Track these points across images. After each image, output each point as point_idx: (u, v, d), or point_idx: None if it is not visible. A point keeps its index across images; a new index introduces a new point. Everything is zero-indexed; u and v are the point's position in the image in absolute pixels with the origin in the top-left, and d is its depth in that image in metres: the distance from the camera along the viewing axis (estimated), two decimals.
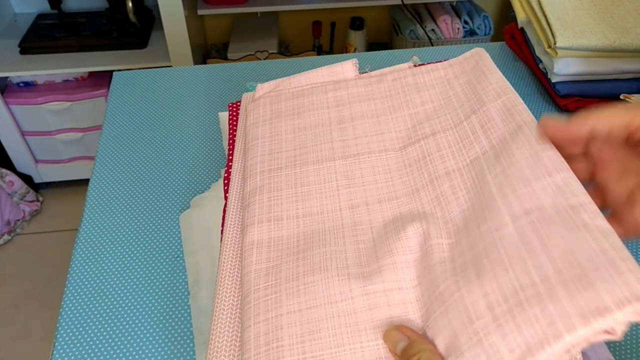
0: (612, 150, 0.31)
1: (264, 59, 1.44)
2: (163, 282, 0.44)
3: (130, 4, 1.27)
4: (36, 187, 1.55)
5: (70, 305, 0.43)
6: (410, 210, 0.36)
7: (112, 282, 0.44)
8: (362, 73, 0.50)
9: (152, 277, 0.45)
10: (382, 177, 0.39)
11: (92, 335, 0.41)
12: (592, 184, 0.32)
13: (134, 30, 1.38)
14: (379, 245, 0.34)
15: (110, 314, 0.42)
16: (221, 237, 0.40)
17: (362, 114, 0.44)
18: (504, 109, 0.37)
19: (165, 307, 0.42)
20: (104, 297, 0.43)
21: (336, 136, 0.42)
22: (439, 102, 0.43)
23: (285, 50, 1.64)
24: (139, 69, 0.73)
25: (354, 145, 0.41)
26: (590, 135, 0.29)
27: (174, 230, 0.49)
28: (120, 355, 0.39)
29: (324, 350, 0.29)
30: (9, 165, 1.47)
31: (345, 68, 0.48)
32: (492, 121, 0.38)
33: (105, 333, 0.41)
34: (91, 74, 1.43)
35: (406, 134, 0.42)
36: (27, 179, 1.51)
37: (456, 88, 0.43)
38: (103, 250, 0.47)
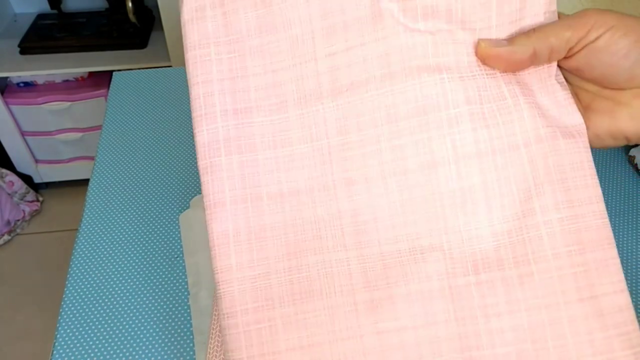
0: None
1: None
2: (163, 282, 0.44)
3: (130, 4, 1.27)
4: (36, 187, 1.55)
5: (70, 305, 0.43)
6: (424, 199, 0.27)
7: (112, 282, 0.44)
8: None
9: (152, 277, 0.45)
10: (386, 131, 0.28)
11: (92, 335, 0.41)
12: None
13: (134, 30, 1.38)
14: (388, 256, 0.28)
15: (110, 314, 0.42)
16: None
17: (356, 6, 0.29)
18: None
19: (165, 307, 0.42)
20: (104, 297, 0.43)
21: (321, 46, 0.29)
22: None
23: None
24: (139, 69, 0.73)
25: (346, 67, 0.29)
26: (532, 59, 0.26)
27: (174, 230, 0.49)
28: (120, 355, 0.39)
29: None
30: (9, 165, 1.47)
31: None
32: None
33: (105, 333, 0.41)
34: (91, 74, 1.43)
35: (422, 51, 0.28)
36: (27, 179, 1.51)
37: None
38: (103, 250, 0.47)
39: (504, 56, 0.27)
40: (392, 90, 0.28)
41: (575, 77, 0.28)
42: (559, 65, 0.28)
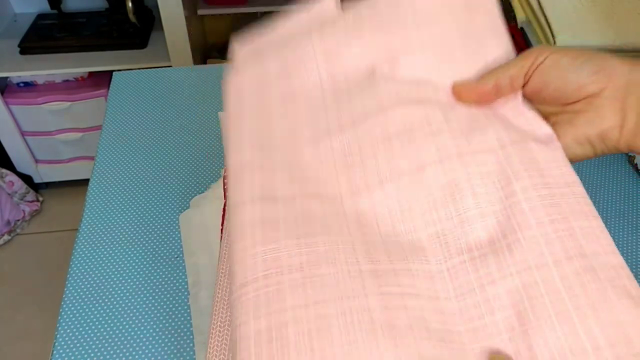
0: None
1: None
2: (163, 282, 0.44)
3: (130, 4, 1.27)
4: (36, 187, 1.55)
5: (70, 305, 0.43)
6: (416, 196, 0.32)
7: (112, 282, 0.44)
8: None
9: (152, 277, 0.45)
10: (381, 148, 0.34)
11: (92, 335, 0.41)
12: None
13: (134, 30, 1.38)
14: (389, 244, 0.31)
15: (110, 314, 0.42)
16: (221, 236, 0.40)
17: (356, 66, 0.37)
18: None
19: (165, 307, 0.42)
20: (104, 297, 0.43)
21: (330, 102, 0.37)
22: (448, 45, 0.36)
23: None
24: (139, 69, 0.73)
25: (348, 115, 0.36)
26: (496, 89, 0.33)
27: (174, 230, 0.49)
28: (120, 355, 0.39)
29: (335, 347, 0.26)
30: (9, 165, 1.47)
31: (325, 5, 0.40)
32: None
33: (105, 333, 0.41)
34: (91, 74, 1.43)
35: (407, 91, 0.35)
36: (27, 179, 1.51)
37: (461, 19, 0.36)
38: (103, 250, 0.47)
39: (472, 88, 0.33)
40: (385, 120, 0.34)
41: (538, 104, 0.33)
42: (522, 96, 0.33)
